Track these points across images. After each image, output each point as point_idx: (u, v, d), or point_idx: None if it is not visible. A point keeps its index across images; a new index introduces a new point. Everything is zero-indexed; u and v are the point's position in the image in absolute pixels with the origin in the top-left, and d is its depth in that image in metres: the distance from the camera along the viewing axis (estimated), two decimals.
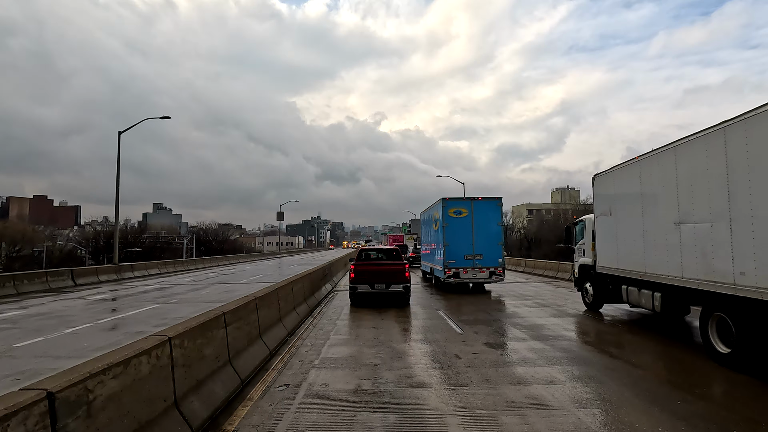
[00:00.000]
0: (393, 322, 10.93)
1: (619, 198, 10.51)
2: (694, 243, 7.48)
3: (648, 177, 9.11)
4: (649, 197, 9.11)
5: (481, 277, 16.71)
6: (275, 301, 9.34)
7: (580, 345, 8.37)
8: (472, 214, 16.95)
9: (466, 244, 16.76)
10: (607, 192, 11.21)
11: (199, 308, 13.06)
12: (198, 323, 5.43)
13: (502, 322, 10.74)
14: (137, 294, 17.67)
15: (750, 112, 6.15)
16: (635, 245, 9.58)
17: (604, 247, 11.38)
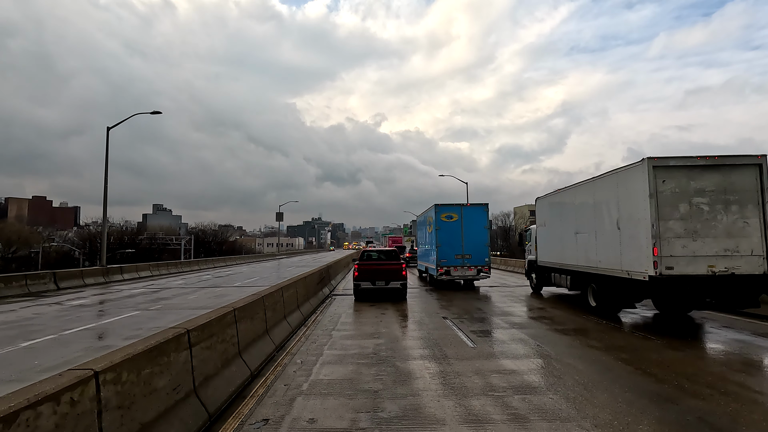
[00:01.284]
0: (395, 332, 9.71)
1: (549, 215, 15.34)
2: (582, 245, 12.55)
3: (562, 203, 14.21)
4: (563, 215, 14.05)
5: (470, 275, 18.68)
6: (260, 311, 8.13)
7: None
8: (461, 218, 18.83)
9: (456, 245, 18.65)
10: (542, 210, 16.00)
11: (182, 316, 11.86)
12: (146, 347, 4.21)
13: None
14: (120, 299, 16.47)
15: (599, 176, 11.60)
16: (557, 246, 14.51)
17: (542, 248, 16.11)
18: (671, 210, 9.37)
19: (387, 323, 10.95)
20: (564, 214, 13.97)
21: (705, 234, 9.28)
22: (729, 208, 9.33)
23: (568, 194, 13.79)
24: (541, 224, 16.06)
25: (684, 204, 9.39)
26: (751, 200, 9.30)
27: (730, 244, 9.23)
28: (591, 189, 12.18)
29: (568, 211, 13.63)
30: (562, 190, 14.27)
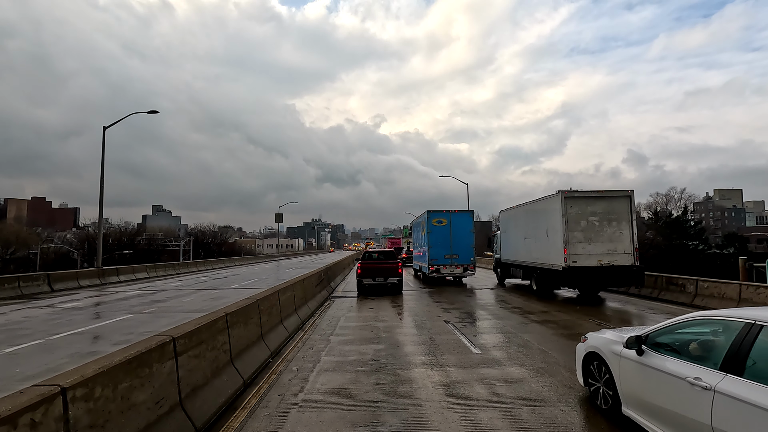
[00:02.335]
0: (396, 337, 9.35)
1: (508, 224, 20.38)
2: (528, 246, 17.04)
3: (516, 216, 18.82)
4: (517, 225, 18.69)
5: (457, 273, 21.13)
6: (255, 316, 7.77)
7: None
8: (450, 223, 21.15)
9: (445, 247, 21.00)
10: (504, 221, 21.32)
11: (175, 319, 11.50)
12: (124, 358, 3.86)
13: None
14: (114, 301, 16.11)
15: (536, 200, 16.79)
16: (513, 248, 19.42)
17: (503, 249, 21.14)
18: (575, 224, 14.17)
19: (387, 327, 10.59)
20: (517, 224, 18.97)
21: (596, 240, 14.12)
22: (611, 224, 14.21)
23: (519, 210, 18.80)
24: (503, 231, 21.41)
25: (583, 221, 14.22)
26: (624, 219, 14.22)
27: (611, 246, 14.12)
28: (532, 207, 17.21)
29: (520, 222, 18.61)
30: (516, 207, 19.44)
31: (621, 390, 4.66)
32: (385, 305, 14.49)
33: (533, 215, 17.03)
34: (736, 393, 3.17)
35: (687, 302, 13.72)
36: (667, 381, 3.87)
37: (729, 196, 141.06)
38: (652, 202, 72.60)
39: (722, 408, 3.24)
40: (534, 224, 16.83)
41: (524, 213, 18.10)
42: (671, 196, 71.90)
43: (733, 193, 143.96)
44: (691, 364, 3.71)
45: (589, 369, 5.44)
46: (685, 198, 72.28)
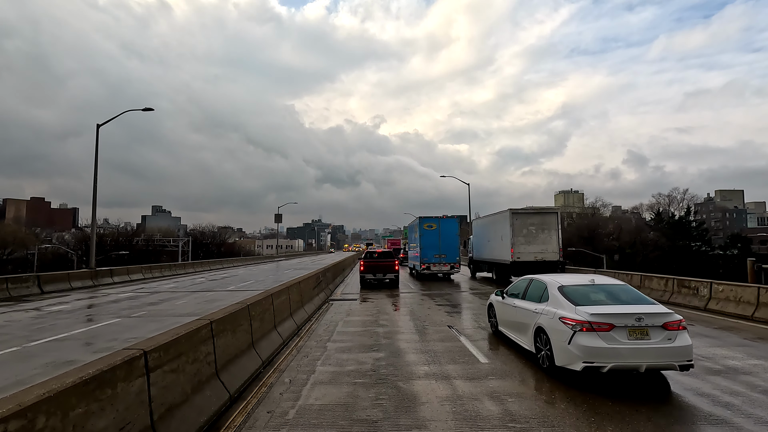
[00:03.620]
0: (397, 344, 8.78)
1: (477, 230, 26.02)
2: (490, 247, 23.14)
3: (484, 224, 24.71)
4: (483, 231, 24.57)
5: (445, 270, 24.12)
6: (245, 322, 7.19)
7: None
8: (439, 227, 23.96)
9: (435, 248, 23.96)
10: (475, 227, 27.04)
11: (164, 324, 10.93)
12: (79, 379, 3.28)
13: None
14: (104, 304, 15.54)
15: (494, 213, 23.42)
16: (481, 248, 25.07)
17: (475, 249, 26.59)
18: (519, 232, 19.81)
19: (387, 332, 10.02)
20: (483, 232, 25.11)
21: (533, 243, 19.72)
22: (543, 232, 19.80)
23: (484, 220, 25.41)
24: (474, 236, 27.22)
25: (525, 229, 19.81)
26: (553, 228, 19.92)
27: (543, 247, 19.66)
28: (492, 219, 23.36)
29: (485, 230, 24.75)
30: (482, 218, 26.36)
31: (498, 318, 9.37)
32: (385, 307, 13.93)
33: (493, 225, 23.04)
34: (527, 307, 7.69)
35: (700, 306, 13.08)
36: (521, 312, 7.96)
37: (730, 197, 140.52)
38: (654, 203, 72.06)
39: (530, 317, 7.52)
40: (493, 231, 22.79)
41: (488, 223, 24.26)
42: (674, 197, 71.34)
43: (735, 194, 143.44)
44: (523, 301, 8.00)
45: (487, 312, 10.34)
46: (688, 199, 71.69)
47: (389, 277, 21.06)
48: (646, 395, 5.80)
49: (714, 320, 11.36)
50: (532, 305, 7.51)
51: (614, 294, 6.74)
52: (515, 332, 8.24)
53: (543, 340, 6.86)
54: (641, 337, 5.93)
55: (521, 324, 7.85)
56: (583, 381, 6.28)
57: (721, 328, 10.28)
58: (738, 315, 11.68)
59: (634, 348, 5.84)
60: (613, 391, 5.92)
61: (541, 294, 7.41)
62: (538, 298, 7.46)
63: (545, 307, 7.04)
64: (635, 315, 6.01)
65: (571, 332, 6.14)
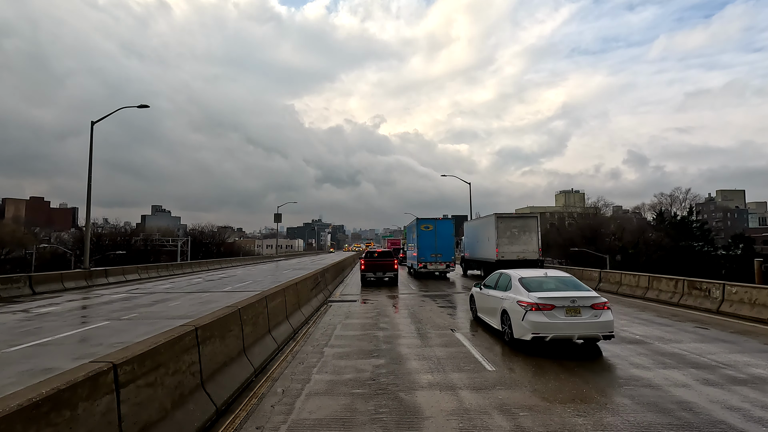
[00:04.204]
0: (398, 349, 8.31)
1: (469, 231, 28.30)
2: (479, 247, 25.49)
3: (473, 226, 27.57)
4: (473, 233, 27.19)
5: (441, 268, 25.35)
6: (235, 327, 6.72)
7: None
8: (435, 228, 25.27)
9: (431, 248, 25.20)
10: (467, 229, 29.34)
11: (155, 327, 10.46)
12: (28, 401, 2.82)
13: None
14: (95, 306, 15.08)
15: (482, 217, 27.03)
16: (473, 248, 27.09)
17: (466, 249, 28.97)
18: (503, 234, 22.02)
19: (388, 337, 9.55)
20: (473, 232, 27.50)
21: (516, 243, 21.95)
22: (525, 234, 22.10)
23: (474, 223, 28.45)
24: (466, 237, 29.50)
25: (508, 231, 22.07)
26: (534, 231, 22.20)
27: (525, 247, 21.93)
28: (480, 222, 26.07)
29: (474, 232, 27.20)
30: (472, 221, 29.99)
31: (476, 306, 11.02)
32: (385, 309, 13.46)
33: (481, 227, 25.47)
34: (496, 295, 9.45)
35: (713, 309, 12.55)
36: (493, 299, 9.57)
37: (731, 197, 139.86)
38: (656, 203, 71.54)
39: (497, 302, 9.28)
40: (481, 233, 25.16)
41: (477, 225, 26.96)
42: (676, 196, 70.81)
43: (736, 194, 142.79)
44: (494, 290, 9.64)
45: (469, 302, 12.02)
46: (690, 199, 71.20)
47: (389, 275, 22.27)
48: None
49: (729, 323, 10.87)
50: (500, 293, 9.40)
51: (560, 283, 8.62)
52: (488, 316, 10.10)
53: (506, 319, 8.78)
54: (575, 315, 7.79)
55: (492, 308, 9.71)
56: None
57: (737, 332, 9.80)
58: (753, 318, 11.19)
59: (569, 323, 7.75)
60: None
61: (507, 284, 9.26)
62: (504, 288, 9.31)
63: (509, 294, 8.93)
64: (570, 298, 7.87)
65: (524, 312, 8.04)
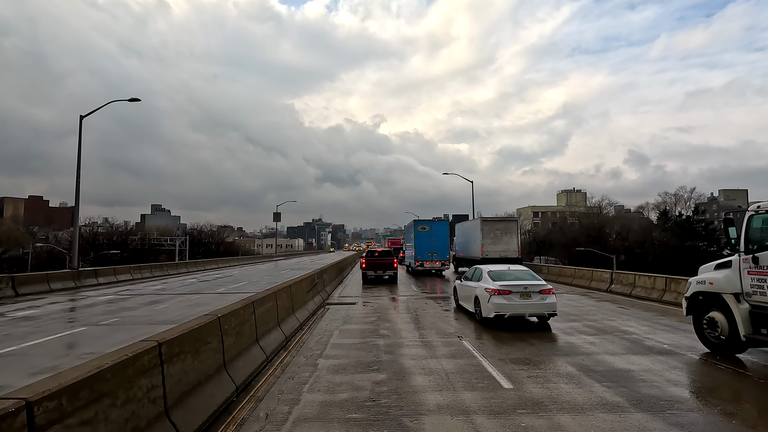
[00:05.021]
0: (401, 360, 7.41)
1: (460, 233, 31.92)
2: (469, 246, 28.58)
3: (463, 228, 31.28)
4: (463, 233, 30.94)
5: (436, 267, 27.41)
6: (214, 339, 5.82)
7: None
8: (431, 229, 27.18)
9: (428, 247, 27.06)
10: (458, 231, 32.55)
11: (134, 334, 9.56)
12: None
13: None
14: (78, 309, 14.20)
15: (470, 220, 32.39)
16: (462, 247, 30.69)
17: (458, 248, 32.03)
18: (487, 235, 25.05)
19: (390, 345, 8.66)
20: (463, 233, 30.49)
21: (498, 243, 24.92)
22: (506, 235, 25.27)
23: (463, 225, 31.33)
24: (457, 237, 32.35)
25: (492, 233, 25.15)
26: (514, 232, 25.59)
27: (506, 247, 24.91)
28: (469, 224, 29.63)
29: (464, 232, 30.28)
30: (461, 224, 32.34)
31: (458, 296, 13.39)
32: (386, 312, 12.58)
33: (469, 229, 29.01)
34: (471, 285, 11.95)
35: None
36: (469, 288, 11.95)
37: (734, 196, 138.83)
38: (660, 202, 70.48)
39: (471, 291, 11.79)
40: (469, 234, 28.48)
41: (466, 227, 30.29)
42: (680, 195, 69.70)
43: (738, 193, 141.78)
44: (470, 282, 12.04)
45: (453, 292, 14.32)
46: (695, 198, 70.17)
47: (389, 273, 23.25)
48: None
49: None
50: (474, 284, 11.79)
51: (518, 275, 11.12)
52: (466, 302, 12.54)
53: (477, 303, 11.17)
54: (527, 298, 10.27)
55: (468, 296, 12.15)
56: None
57: None
58: None
59: (522, 304, 10.25)
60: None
61: (479, 276, 11.67)
62: (478, 279, 11.70)
63: (479, 283, 11.35)
64: (524, 285, 10.38)
65: (489, 296, 10.44)
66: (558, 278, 23.01)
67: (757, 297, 7.10)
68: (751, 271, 7.21)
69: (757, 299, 7.10)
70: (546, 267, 27.80)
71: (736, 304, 7.43)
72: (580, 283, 20.70)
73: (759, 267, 7.08)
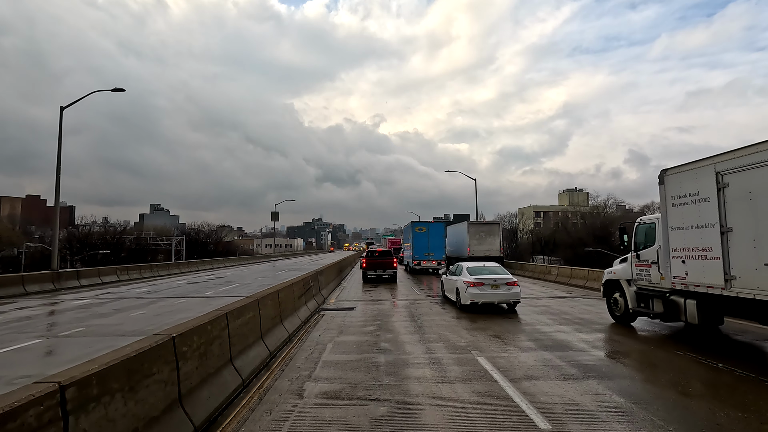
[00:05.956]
0: (407, 383, 6.05)
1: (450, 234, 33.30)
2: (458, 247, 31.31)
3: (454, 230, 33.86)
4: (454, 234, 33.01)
5: (433, 265, 29.18)
6: (165, 367, 4.45)
7: None
8: (428, 230, 29.24)
9: (425, 247, 28.90)
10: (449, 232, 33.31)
11: (93, 349, 8.22)
12: None
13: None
14: (45, 315, 12.86)
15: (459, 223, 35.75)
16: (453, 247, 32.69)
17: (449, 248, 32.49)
18: (473, 236, 28.42)
19: (392, 363, 7.28)
20: (453, 235, 32.50)
21: (483, 244, 28.28)
22: (490, 236, 28.73)
23: (454, 227, 33.93)
24: (449, 238, 32.31)
25: (477, 235, 28.55)
26: (497, 234, 29.04)
27: (490, 247, 28.29)
28: (458, 226, 32.23)
29: (454, 233, 32.43)
30: (452, 225, 35.15)
31: (443, 289, 16.06)
32: (387, 319, 11.22)
33: (458, 231, 31.46)
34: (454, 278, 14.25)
35: None
36: (451, 281, 14.41)
37: None
38: None
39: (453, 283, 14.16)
40: (459, 236, 30.93)
41: (456, 229, 32.51)
42: None
43: None
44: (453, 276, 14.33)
45: (440, 286, 17.35)
46: None
47: (389, 272, 23.60)
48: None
49: None
50: (456, 277, 13.91)
51: (491, 270, 13.50)
52: (450, 294, 14.60)
53: (458, 294, 13.30)
54: (496, 288, 12.59)
55: (451, 288, 14.22)
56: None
57: None
58: None
59: (492, 293, 12.57)
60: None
61: (460, 271, 13.79)
62: (459, 274, 13.83)
63: (460, 277, 13.50)
64: (493, 278, 12.72)
65: (466, 287, 12.70)
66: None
67: (640, 282, 10.19)
68: (637, 264, 10.31)
69: (640, 283, 10.18)
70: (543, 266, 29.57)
71: (628, 288, 10.56)
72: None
73: (641, 261, 10.20)
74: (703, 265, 8.03)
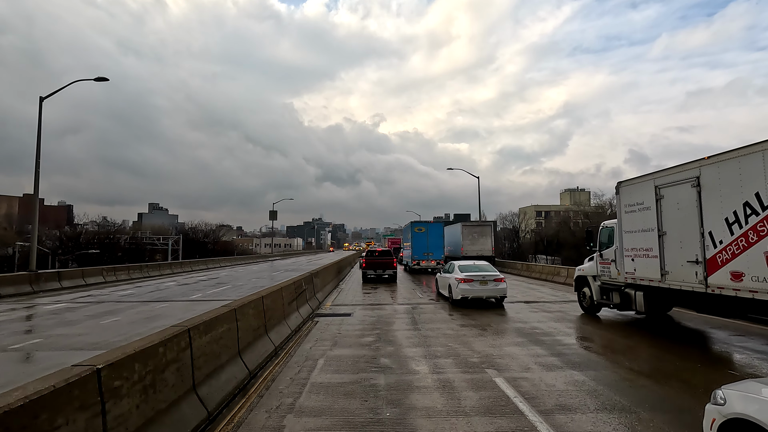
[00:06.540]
0: (411, 416, 4.83)
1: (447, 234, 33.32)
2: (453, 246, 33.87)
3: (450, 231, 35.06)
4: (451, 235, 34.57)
5: (432, 265, 28.69)
6: (81, 414, 3.20)
7: None
8: (427, 231, 29.19)
9: (424, 247, 28.94)
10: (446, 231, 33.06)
11: (45, 365, 6.97)
12: None
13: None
14: (11, 321, 11.60)
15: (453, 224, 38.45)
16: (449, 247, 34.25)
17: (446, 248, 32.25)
18: (467, 236, 31.97)
19: (394, 386, 6.05)
20: (449, 235, 33.50)
21: (476, 244, 31.66)
22: (482, 236, 32.09)
23: (450, 228, 35.28)
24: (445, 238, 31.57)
25: (471, 235, 32.16)
26: (489, 235, 32.21)
27: (482, 247, 31.57)
28: (454, 227, 35.04)
29: (450, 234, 33.89)
30: (447, 226, 35.32)
31: (438, 286, 16.92)
32: (387, 328, 9.99)
33: (453, 232, 33.46)
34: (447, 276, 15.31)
35: None
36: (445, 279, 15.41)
37: None
38: None
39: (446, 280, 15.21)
40: (454, 236, 32.82)
41: (452, 230, 34.28)
42: None
43: None
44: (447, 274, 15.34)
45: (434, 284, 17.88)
46: None
47: (389, 272, 23.48)
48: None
49: None
50: (449, 275, 14.98)
51: (480, 268, 14.66)
52: (443, 290, 15.61)
53: (450, 290, 14.46)
54: (485, 284, 13.83)
55: (445, 284, 15.36)
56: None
57: None
58: None
59: (481, 289, 13.77)
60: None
61: (453, 269, 14.89)
62: (451, 271, 14.92)
63: (452, 274, 14.62)
64: (482, 275, 13.96)
65: (458, 283, 13.88)
66: None
67: (603, 277, 11.55)
68: (601, 262, 11.67)
69: (603, 279, 11.54)
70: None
71: (593, 283, 11.99)
72: None
73: (603, 259, 11.55)
74: (646, 262, 9.57)
